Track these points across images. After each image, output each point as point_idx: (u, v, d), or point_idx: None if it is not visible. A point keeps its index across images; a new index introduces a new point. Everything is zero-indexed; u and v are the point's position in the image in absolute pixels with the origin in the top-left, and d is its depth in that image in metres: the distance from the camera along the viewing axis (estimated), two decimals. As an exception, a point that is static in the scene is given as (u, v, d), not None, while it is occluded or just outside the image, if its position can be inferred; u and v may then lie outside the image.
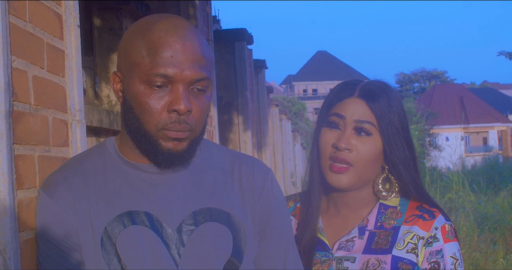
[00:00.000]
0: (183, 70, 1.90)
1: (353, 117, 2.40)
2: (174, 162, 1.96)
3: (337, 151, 2.39)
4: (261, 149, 11.22)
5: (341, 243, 2.42)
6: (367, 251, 2.38)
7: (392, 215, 2.43)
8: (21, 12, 1.97)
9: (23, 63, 1.97)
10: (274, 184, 2.14)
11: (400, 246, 2.37)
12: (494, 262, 10.65)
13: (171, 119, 1.91)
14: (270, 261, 2.11)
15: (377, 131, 2.41)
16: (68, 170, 2.00)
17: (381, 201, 2.46)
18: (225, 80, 8.66)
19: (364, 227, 2.42)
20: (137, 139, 1.96)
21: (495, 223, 13.34)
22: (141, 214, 1.95)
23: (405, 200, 2.46)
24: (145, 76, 1.91)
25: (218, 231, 1.99)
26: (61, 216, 1.94)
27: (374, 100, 2.41)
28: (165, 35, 1.92)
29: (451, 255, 2.37)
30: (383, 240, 2.39)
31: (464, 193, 16.66)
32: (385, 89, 2.45)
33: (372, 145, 2.40)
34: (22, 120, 1.94)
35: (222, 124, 8.27)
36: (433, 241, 2.37)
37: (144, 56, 1.92)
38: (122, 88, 1.99)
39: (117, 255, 1.91)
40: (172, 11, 5.64)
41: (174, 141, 1.93)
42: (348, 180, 2.40)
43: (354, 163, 2.39)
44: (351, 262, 2.38)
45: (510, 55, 25.76)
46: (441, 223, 2.39)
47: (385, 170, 2.46)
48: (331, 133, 2.43)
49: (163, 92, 1.91)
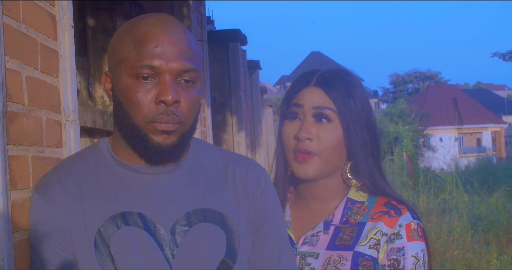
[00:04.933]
0: (169, 61, 1.91)
1: (311, 104, 2.38)
2: (164, 157, 1.95)
3: (299, 143, 2.38)
4: (255, 150, 11.22)
5: (306, 237, 2.40)
6: (331, 247, 2.35)
7: (358, 211, 2.39)
8: (14, 13, 1.97)
9: (16, 64, 1.96)
10: (268, 184, 2.14)
11: (363, 242, 2.32)
12: (487, 263, 10.67)
13: (159, 111, 1.90)
14: (264, 262, 2.11)
15: (337, 117, 2.38)
16: (62, 171, 2.00)
17: (348, 195, 2.42)
18: (219, 80, 8.66)
19: (329, 222, 2.39)
20: (127, 134, 1.96)
21: (489, 224, 13.36)
22: (134, 215, 1.94)
23: (373, 196, 2.42)
24: (132, 69, 1.91)
25: (212, 231, 1.99)
26: (54, 217, 1.93)
27: (332, 87, 2.39)
28: (150, 29, 1.94)
29: (413, 254, 2.31)
30: (347, 236, 2.35)
31: (457, 194, 16.69)
32: (343, 76, 2.43)
33: (333, 132, 2.37)
34: (15, 120, 1.94)
35: (216, 125, 8.27)
36: (395, 238, 2.32)
37: (130, 50, 1.93)
38: (112, 87, 1.99)
39: (110, 256, 1.91)
40: (165, 11, 5.63)
41: (163, 134, 1.93)
42: (315, 169, 2.37)
43: (317, 152, 2.36)
44: (314, 258, 2.35)
45: (504, 56, 25.77)
46: (406, 221, 2.34)
47: (352, 158, 2.42)
48: (292, 125, 2.42)
49: (150, 85, 1.91)
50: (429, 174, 22.11)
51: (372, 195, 2.43)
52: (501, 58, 25.72)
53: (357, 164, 2.40)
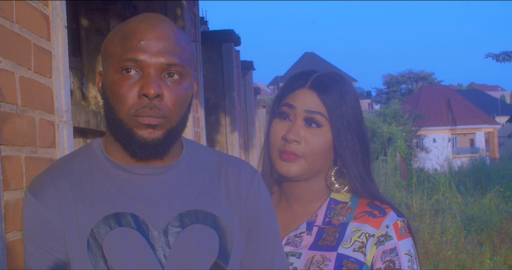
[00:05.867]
0: (152, 55, 1.91)
1: (303, 107, 2.38)
2: (149, 152, 1.95)
3: (286, 143, 2.38)
4: (248, 150, 11.22)
5: (289, 238, 2.40)
6: (314, 248, 2.35)
7: (341, 211, 2.40)
8: (8, 13, 1.97)
9: (10, 64, 1.96)
10: (261, 186, 2.14)
11: (347, 244, 2.33)
12: (481, 264, 10.68)
13: (141, 104, 1.90)
14: (257, 262, 2.11)
15: (327, 123, 2.38)
16: (55, 172, 1.99)
17: (331, 196, 2.43)
18: (212, 81, 8.66)
19: (312, 223, 2.40)
20: (114, 130, 1.96)
21: (482, 224, 13.38)
22: (127, 216, 1.94)
23: (356, 196, 2.43)
24: (117, 64, 1.93)
25: (204, 233, 1.99)
26: (47, 217, 1.93)
27: (326, 92, 2.38)
28: (137, 25, 1.95)
29: (406, 252, 2.33)
30: (330, 236, 2.35)
31: (451, 195, 16.69)
32: (339, 81, 2.43)
33: (322, 137, 2.37)
34: (9, 121, 1.94)
35: (209, 125, 8.27)
36: (385, 239, 2.33)
37: (117, 46, 1.95)
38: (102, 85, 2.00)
39: (103, 257, 1.91)
40: (159, 12, 5.63)
41: (148, 128, 1.92)
42: (298, 169, 2.37)
43: (303, 155, 2.37)
44: (296, 257, 2.35)
45: (498, 57, 25.83)
46: (392, 221, 2.35)
47: (338, 163, 2.43)
48: (281, 124, 2.42)
49: (134, 79, 1.92)
50: (423, 174, 22.12)
51: (355, 195, 2.43)
52: (494, 59, 25.78)
53: (348, 171, 2.40)
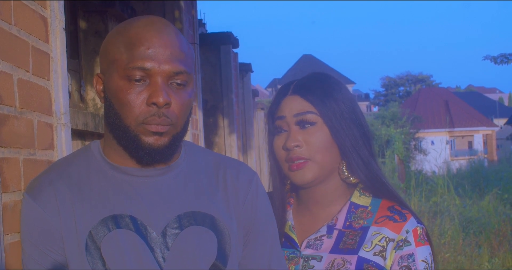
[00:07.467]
0: (160, 63, 1.91)
1: (292, 113, 2.40)
2: (155, 158, 1.96)
3: (289, 152, 2.39)
4: (247, 152, 11.21)
5: (309, 241, 2.40)
6: (334, 251, 2.35)
7: (362, 215, 2.40)
8: (6, 15, 1.97)
9: (8, 66, 1.96)
10: (259, 187, 2.14)
11: (368, 247, 2.33)
12: (479, 266, 10.69)
13: (150, 112, 1.91)
14: (255, 264, 2.11)
15: (320, 118, 2.39)
16: (53, 174, 1.99)
17: (352, 200, 2.43)
18: (211, 83, 8.66)
19: (332, 226, 2.40)
20: (119, 136, 1.96)
21: (480, 226, 13.38)
22: (125, 217, 1.94)
23: (376, 200, 2.43)
24: (124, 71, 1.92)
25: (203, 234, 1.99)
26: (45, 219, 1.93)
27: (309, 91, 2.40)
28: (142, 31, 1.94)
29: (423, 259, 2.34)
30: (351, 240, 2.36)
31: (449, 197, 16.70)
32: (320, 79, 2.44)
33: (320, 134, 2.38)
34: (7, 123, 1.94)
35: (207, 127, 8.27)
36: (403, 244, 2.33)
37: (122, 52, 1.93)
38: (103, 89, 1.99)
39: (101, 259, 1.91)
40: (157, 14, 5.63)
41: (155, 135, 1.93)
42: (312, 174, 2.38)
43: (310, 157, 2.37)
44: (317, 261, 2.36)
45: (496, 60, 25.81)
46: (412, 226, 2.36)
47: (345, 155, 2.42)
48: (279, 138, 2.44)
49: (141, 87, 1.92)
50: (421, 177, 22.09)
51: (375, 198, 2.44)
52: (492, 61, 25.76)
53: (350, 160, 2.41)
